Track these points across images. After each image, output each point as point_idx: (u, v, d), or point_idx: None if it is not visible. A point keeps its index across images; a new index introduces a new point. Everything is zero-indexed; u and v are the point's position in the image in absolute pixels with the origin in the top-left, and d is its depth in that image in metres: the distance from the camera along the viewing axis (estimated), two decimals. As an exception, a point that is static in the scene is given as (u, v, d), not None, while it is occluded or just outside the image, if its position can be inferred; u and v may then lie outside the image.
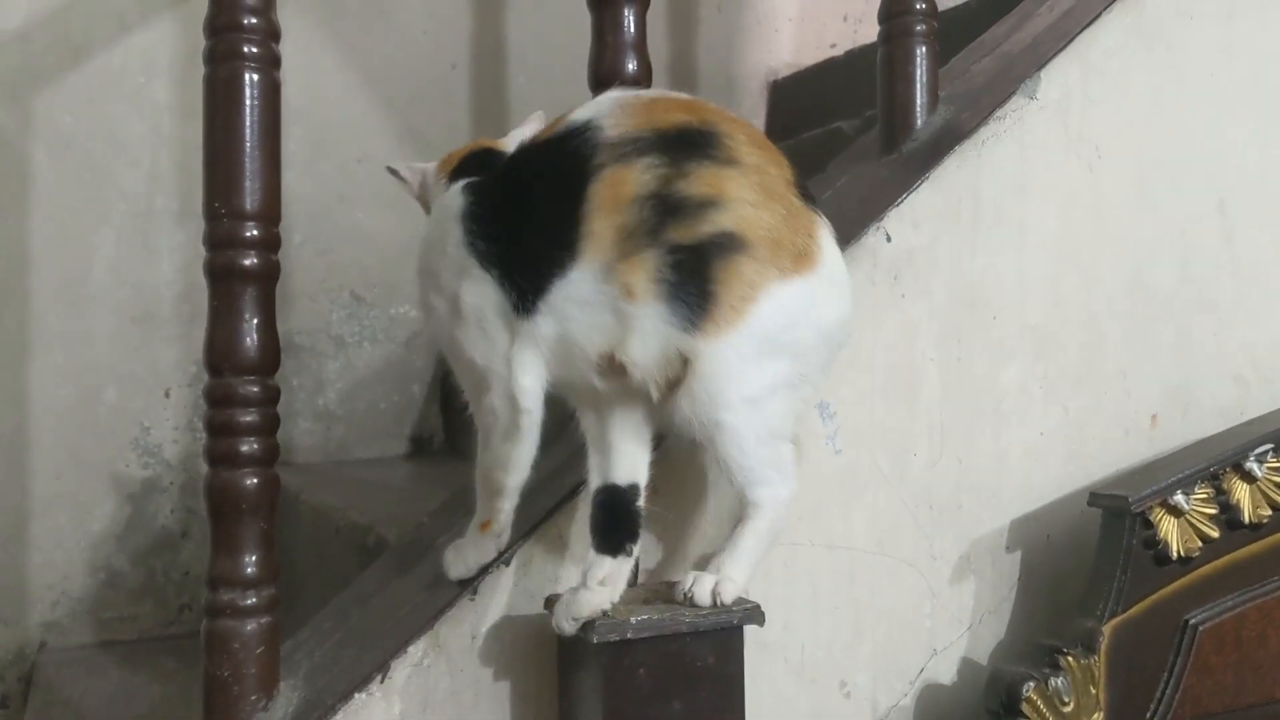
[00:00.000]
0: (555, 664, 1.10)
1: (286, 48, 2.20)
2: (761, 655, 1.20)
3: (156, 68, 2.12)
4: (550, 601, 1.07)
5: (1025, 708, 1.19)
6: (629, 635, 0.97)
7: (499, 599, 1.11)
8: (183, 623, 2.13)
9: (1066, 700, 1.21)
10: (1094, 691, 1.22)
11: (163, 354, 2.15)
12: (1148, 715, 1.26)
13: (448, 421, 2.33)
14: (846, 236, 1.28)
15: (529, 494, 1.08)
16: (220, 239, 1.09)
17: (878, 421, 1.28)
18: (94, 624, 2.08)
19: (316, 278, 2.28)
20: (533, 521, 1.14)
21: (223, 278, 1.09)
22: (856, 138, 1.61)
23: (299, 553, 1.75)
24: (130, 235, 2.13)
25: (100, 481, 2.10)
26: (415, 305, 2.31)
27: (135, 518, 2.13)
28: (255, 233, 1.09)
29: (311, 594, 1.65)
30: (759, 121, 2.66)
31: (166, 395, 2.15)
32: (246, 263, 1.09)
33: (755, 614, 1.01)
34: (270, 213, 1.10)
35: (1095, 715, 1.22)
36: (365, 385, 2.31)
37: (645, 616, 0.98)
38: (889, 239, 1.29)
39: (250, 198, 1.09)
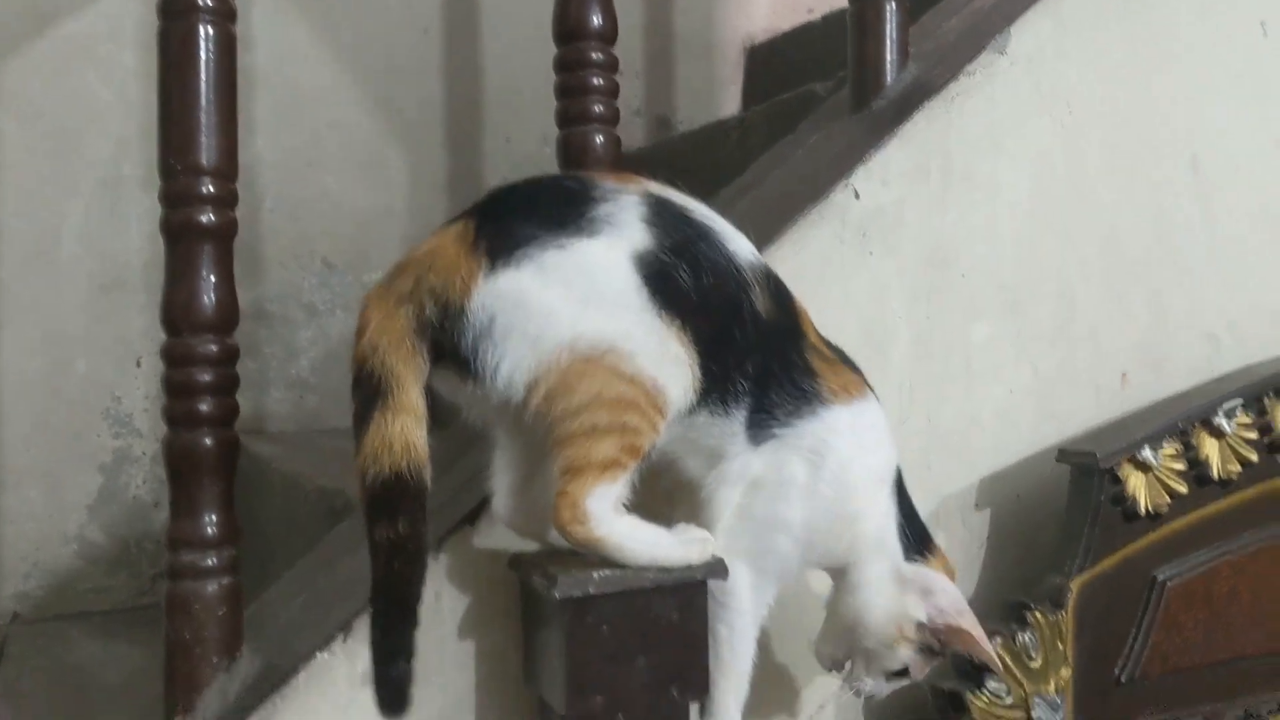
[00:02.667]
0: (519, 622, 1.09)
1: (255, 13, 2.19)
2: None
3: (124, 35, 2.10)
4: (516, 562, 1.06)
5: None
6: (591, 591, 0.96)
7: (463, 558, 1.10)
8: (156, 593, 2.11)
9: (1034, 656, 1.21)
10: (1061, 647, 1.22)
11: (133, 323, 2.13)
12: (1116, 671, 1.26)
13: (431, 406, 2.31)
14: (815, 194, 1.27)
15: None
16: (176, 196, 1.07)
17: (847, 380, 1.27)
18: (67, 595, 2.07)
19: (287, 244, 2.26)
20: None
21: (180, 235, 1.07)
22: (829, 99, 1.59)
23: (269, 520, 1.74)
24: (99, 203, 2.11)
25: (72, 452, 2.09)
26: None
27: (107, 488, 2.11)
28: (212, 189, 1.07)
29: (282, 561, 1.63)
30: (735, 88, 2.65)
31: (137, 364, 2.13)
32: (203, 220, 1.07)
33: (718, 568, 1.00)
34: (227, 169, 1.08)
35: (1063, 670, 1.22)
36: (338, 354, 2.29)
37: (608, 572, 0.96)
38: (857, 196, 1.28)
39: (207, 154, 1.06)
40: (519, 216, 0.96)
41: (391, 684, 0.93)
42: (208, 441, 1.07)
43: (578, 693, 0.97)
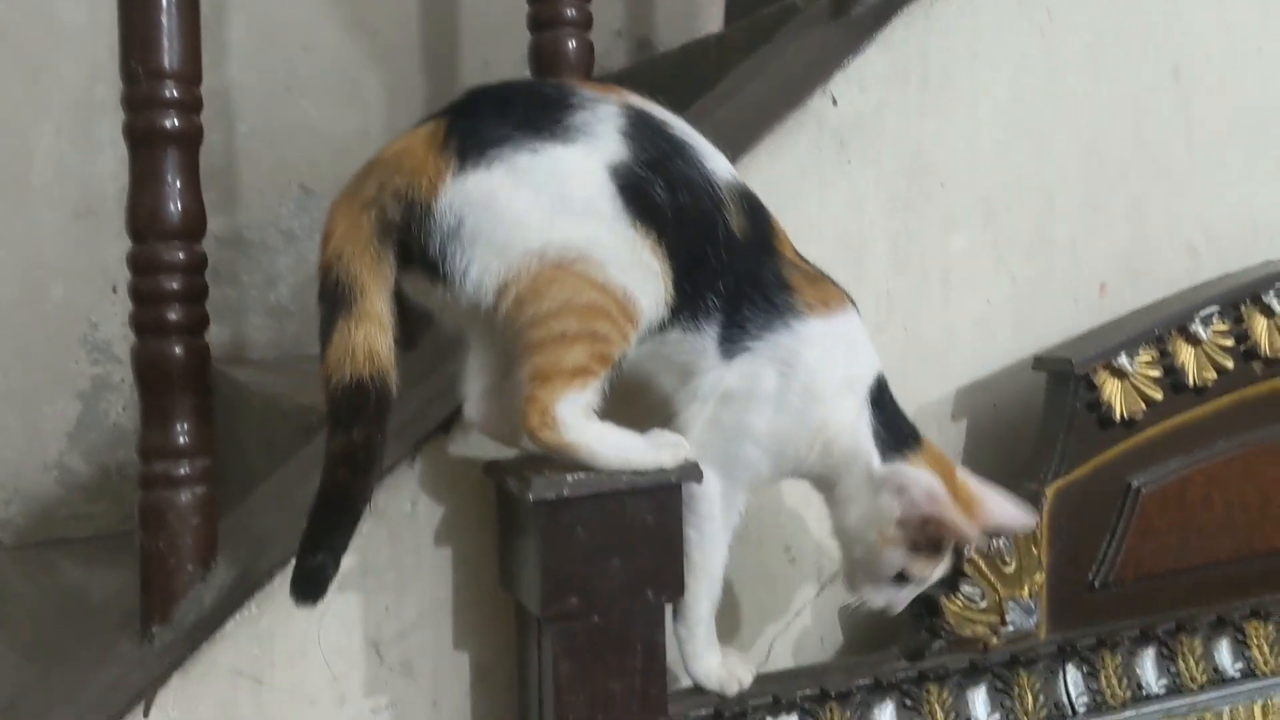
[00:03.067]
0: (496, 527, 1.09)
1: (229, -66, 2.14)
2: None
3: (92, -46, 2.06)
4: (491, 468, 1.06)
5: (967, 568, 1.20)
6: (566, 493, 0.96)
7: (438, 467, 1.10)
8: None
9: (1008, 560, 1.22)
10: (1036, 552, 1.23)
11: (109, 249, 2.10)
12: (1090, 576, 1.27)
13: (403, 314, 2.30)
14: (792, 101, 1.25)
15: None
16: (139, 100, 1.05)
17: (824, 290, 1.26)
18: (48, 522, 2.07)
19: (264, 171, 2.23)
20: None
21: (143, 141, 1.06)
22: (809, 8, 1.57)
23: (250, 444, 1.74)
24: (70, 128, 2.08)
25: (49, 379, 2.07)
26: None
27: (86, 415, 2.10)
28: (175, 93, 1.05)
29: (261, 481, 1.64)
30: (717, 9, 2.61)
31: (114, 291, 2.11)
32: (167, 124, 1.05)
33: (692, 471, 1.00)
34: (191, 72, 1.06)
35: (1037, 575, 1.23)
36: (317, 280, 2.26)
37: (583, 475, 0.96)
38: (835, 103, 1.26)
39: (169, 56, 1.05)
40: (493, 117, 0.94)
41: (307, 572, 0.92)
42: (177, 350, 1.06)
43: (553, 594, 0.97)
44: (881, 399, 1.07)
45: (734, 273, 1.00)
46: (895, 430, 1.06)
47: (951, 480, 1.06)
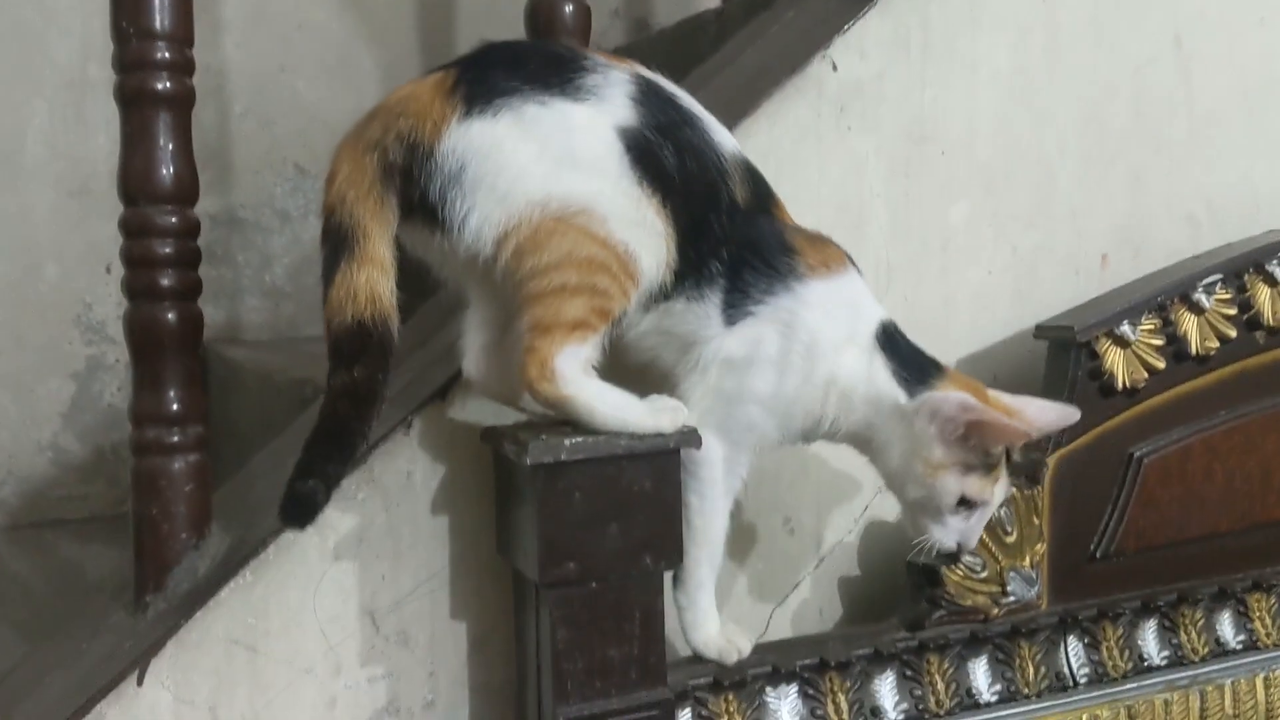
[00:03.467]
0: (493, 494, 1.08)
1: (219, -89, 2.12)
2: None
3: (84, -70, 2.04)
4: (489, 434, 1.05)
5: (969, 538, 1.19)
6: (563, 457, 0.94)
7: (435, 434, 1.09)
8: (132, 496, 2.10)
9: (1010, 530, 1.21)
10: (1037, 522, 1.22)
11: (102, 229, 2.08)
12: (1091, 546, 1.26)
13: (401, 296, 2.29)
14: (791, 66, 1.24)
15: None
16: (130, 61, 1.04)
17: (823, 258, 1.25)
18: (43, 503, 2.05)
19: (259, 150, 2.21)
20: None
21: (134, 102, 1.04)
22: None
23: (244, 420, 1.72)
24: (63, 106, 2.06)
25: (43, 360, 2.06)
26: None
27: (81, 396, 2.09)
28: (167, 55, 1.04)
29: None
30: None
31: (108, 271, 2.10)
32: (159, 86, 1.04)
33: (691, 437, 0.99)
34: (183, 33, 1.05)
35: (1038, 546, 1.22)
36: (313, 261, 2.20)
37: (580, 439, 0.95)
38: (835, 68, 1.25)
39: (160, 15, 1.03)
40: (503, 69, 0.94)
41: (298, 496, 0.91)
42: (170, 316, 1.05)
43: (551, 560, 0.96)
44: (893, 342, 1.06)
45: (736, 240, 0.99)
46: (915, 366, 1.05)
47: (983, 396, 1.05)
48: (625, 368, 1.02)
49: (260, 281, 2.23)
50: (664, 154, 0.95)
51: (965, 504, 1.06)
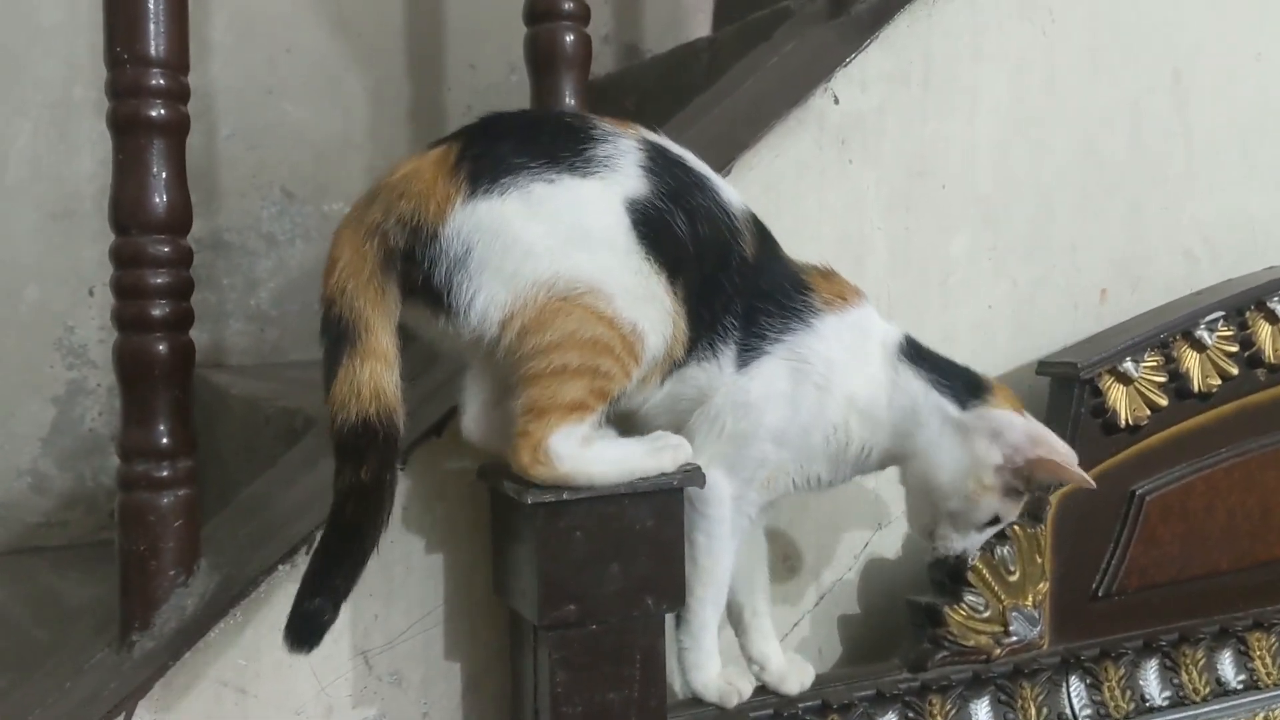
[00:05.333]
0: (489, 533, 1.06)
1: (208, -68, 2.11)
2: (704, 527, 1.16)
3: (70, -49, 2.02)
4: (486, 471, 1.03)
5: (971, 577, 1.18)
6: (564, 496, 0.92)
7: (429, 470, 1.07)
8: (115, 528, 2.06)
9: (1012, 569, 1.19)
10: (1040, 561, 1.21)
11: (85, 251, 2.06)
12: (1094, 585, 1.25)
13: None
14: (793, 99, 1.23)
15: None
16: (124, 87, 1.02)
17: (824, 292, 1.24)
18: (20, 529, 2.02)
19: (245, 173, 2.19)
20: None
21: (128, 129, 1.02)
22: (805, 9, 1.55)
23: (228, 447, 1.70)
24: (47, 127, 2.04)
25: (22, 383, 2.03)
26: (349, 202, 2.23)
27: (61, 420, 2.06)
28: (162, 81, 1.02)
29: (242, 489, 1.60)
30: (705, 15, 2.59)
31: (90, 294, 2.07)
32: (153, 113, 1.02)
33: (695, 476, 0.97)
34: (177, 60, 1.03)
35: (1041, 585, 1.21)
36: (299, 286, 2.23)
37: (582, 478, 0.93)
38: (837, 101, 1.24)
39: (155, 42, 1.01)
40: (509, 143, 0.91)
41: (304, 616, 0.89)
42: (160, 348, 1.02)
43: (550, 601, 0.94)
44: (920, 354, 1.05)
45: (749, 293, 0.99)
46: (959, 377, 1.05)
47: (1023, 414, 1.05)
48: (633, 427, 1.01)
49: (245, 306, 2.20)
50: (676, 222, 0.93)
51: (993, 521, 1.06)
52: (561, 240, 0.89)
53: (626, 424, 1.00)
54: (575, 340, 0.89)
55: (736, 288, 0.98)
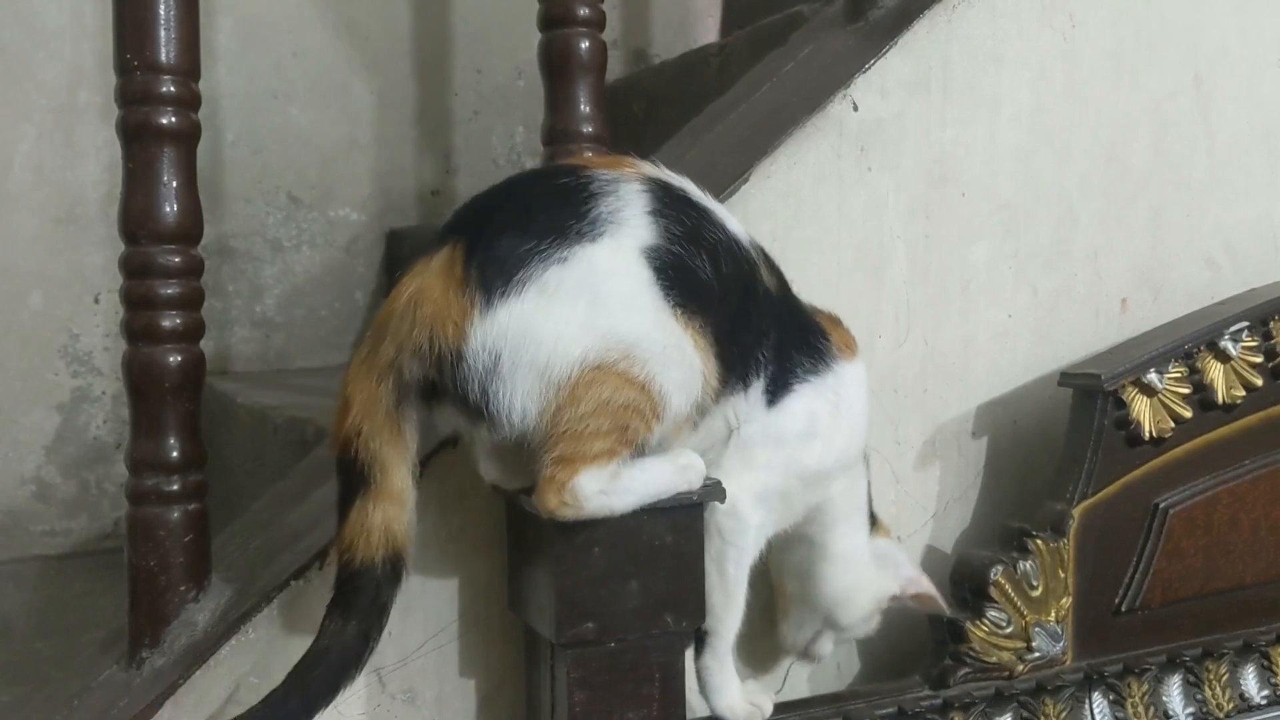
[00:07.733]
0: (504, 548, 1.04)
1: (212, -64, 2.09)
2: (722, 541, 1.14)
3: (75, -45, 2.00)
4: (498, 484, 1.00)
5: (994, 591, 1.16)
6: (584, 511, 0.90)
7: (445, 484, 1.05)
8: (119, 536, 2.04)
9: (1035, 584, 1.17)
10: (1063, 575, 1.19)
11: (90, 257, 2.04)
12: (1117, 599, 1.23)
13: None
14: (811, 105, 1.21)
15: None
16: (134, 95, 1.00)
17: (844, 301, 1.21)
18: (23, 537, 2.00)
19: (251, 178, 2.18)
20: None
21: (137, 137, 1.00)
22: (819, 14, 1.53)
23: (236, 457, 1.68)
24: (52, 132, 2.03)
25: (26, 390, 2.01)
26: (355, 208, 2.22)
27: (65, 428, 2.04)
28: (172, 89, 1.00)
29: (250, 499, 1.58)
30: (713, 20, 2.57)
31: (95, 300, 2.05)
32: (164, 121, 1.00)
33: (715, 491, 0.95)
34: (188, 66, 1.01)
35: (1064, 599, 1.19)
36: (305, 292, 2.21)
37: (601, 492, 0.91)
38: (856, 108, 1.22)
39: (165, 49, 0.99)
40: (511, 232, 0.87)
41: None
42: (171, 359, 1.01)
43: (569, 618, 0.92)
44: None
45: (776, 325, 0.98)
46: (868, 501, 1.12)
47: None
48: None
49: (251, 312, 2.19)
50: (697, 264, 0.90)
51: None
52: (586, 313, 0.86)
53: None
54: (609, 407, 0.86)
55: (765, 319, 0.97)
